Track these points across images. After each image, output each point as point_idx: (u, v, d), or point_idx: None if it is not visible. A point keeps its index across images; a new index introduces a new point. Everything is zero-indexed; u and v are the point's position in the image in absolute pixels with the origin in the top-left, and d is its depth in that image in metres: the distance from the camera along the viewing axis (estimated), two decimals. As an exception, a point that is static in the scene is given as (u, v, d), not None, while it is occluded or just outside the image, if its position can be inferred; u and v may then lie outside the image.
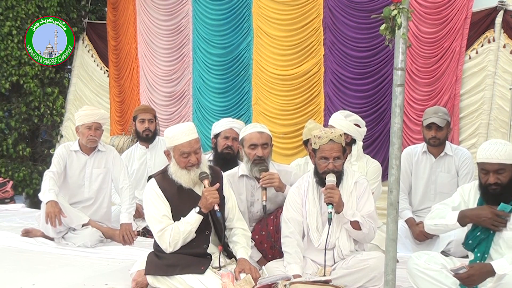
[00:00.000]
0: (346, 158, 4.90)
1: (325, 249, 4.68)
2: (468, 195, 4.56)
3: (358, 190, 4.84)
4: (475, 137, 7.67)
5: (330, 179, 4.64)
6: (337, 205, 4.60)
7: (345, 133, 5.47)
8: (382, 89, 8.12)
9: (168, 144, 4.74)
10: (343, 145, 4.75)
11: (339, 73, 8.50)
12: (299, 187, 4.95)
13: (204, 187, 4.64)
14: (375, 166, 5.84)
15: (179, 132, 4.68)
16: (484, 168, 4.30)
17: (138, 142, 7.34)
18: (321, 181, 4.75)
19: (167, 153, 4.79)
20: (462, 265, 4.25)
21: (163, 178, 4.77)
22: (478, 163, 4.33)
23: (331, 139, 4.66)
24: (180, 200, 4.71)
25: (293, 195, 4.94)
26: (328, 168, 4.68)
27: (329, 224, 4.61)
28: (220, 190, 4.71)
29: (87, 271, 5.20)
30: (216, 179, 4.79)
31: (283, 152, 8.57)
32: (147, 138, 7.14)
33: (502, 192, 4.29)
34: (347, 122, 5.69)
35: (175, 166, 4.71)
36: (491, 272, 4.14)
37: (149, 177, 4.88)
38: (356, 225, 4.68)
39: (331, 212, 4.58)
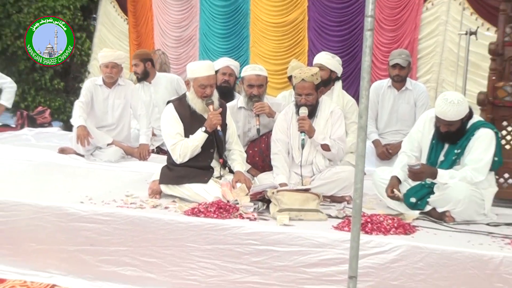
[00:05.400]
0: (322, 93, 4.92)
1: (300, 166, 4.80)
2: (423, 128, 4.59)
3: (333, 117, 4.87)
4: (429, 73, 7.72)
5: (302, 111, 4.72)
6: (308, 132, 4.70)
7: (332, 70, 5.72)
8: (355, 34, 8.09)
9: (189, 75, 4.75)
10: (315, 83, 4.75)
11: (320, 21, 8.46)
12: (286, 114, 4.99)
13: (210, 111, 4.67)
14: (352, 104, 5.79)
15: (201, 67, 4.72)
16: (437, 119, 4.34)
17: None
18: (299, 112, 4.81)
19: (187, 82, 4.81)
20: (418, 162, 4.39)
21: (179, 104, 4.80)
22: (435, 113, 4.34)
23: (302, 79, 4.71)
24: (191, 122, 4.74)
25: (280, 120, 4.99)
26: (301, 102, 4.75)
27: (302, 148, 4.74)
28: (223, 117, 4.77)
29: (112, 181, 5.25)
30: (221, 107, 4.83)
31: (274, 86, 8.55)
32: (137, 78, 7.09)
33: (450, 136, 4.35)
34: (334, 61, 5.79)
35: (192, 94, 4.74)
36: (434, 176, 4.28)
37: (168, 102, 4.91)
38: (326, 147, 4.75)
39: (303, 139, 4.69)
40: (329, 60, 5.77)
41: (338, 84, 5.86)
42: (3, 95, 7.76)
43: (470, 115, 4.36)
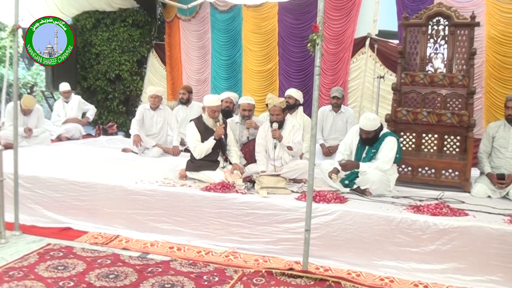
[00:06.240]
0: (286, 114, 4.88)
1: (274, 160, 4.76)
2: (352, 137, 4.57)
3: (294, 129, 4.84)
4: (355, 102, 7.66)
5: (274, 125, 4.70)
6: (278, 138, 4.69)
7: (297, 99, 5.76)
8: (308, 77, 8.03)
9: (204, 104, 4.76)
10: (282, 107, 4.74)
11: (286, 70, 8.39)
12: (264, 127, 4.94)
13: (217, 126, 4.68)
14: (308, 122, 5.69)
15: (212, 99, 4.71)
16: (361, 130, 4.35)
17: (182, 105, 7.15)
18: (272, 125, 4.77)
19: (203, 108, 4.83)
20: (344, 159, 4.46)
21: (198, 121, 4.79)
22: (359, 126, 4.35)
23: (274, 105, 4.70)
24: (205, 133, 4.72)
25: (261, 131, 4.94)
26: (273, 119, 4.74)
27: (275, 148, 4.74)
28: (225, 130, 4.76)
29: (155, 169, 5.20)
30: (224, 123, 4.81)
31: (258, 110, 8.39)
32: (182, 102, 6.96)
33: (369, 141, 4.35)
34: (299, 94, 5.83)
35: (206, 115, 4.75)
36: (357, 167, 4.29)
37: (191, 120, 4.89)
38: (289, 147, 4.73)
39: (275, 142, 4.72)
40: (296, 93, 5.83)
41: (300, 108, 5.86)
42: (88, 113, 8.22)
43: (381, 127, 4.37)
